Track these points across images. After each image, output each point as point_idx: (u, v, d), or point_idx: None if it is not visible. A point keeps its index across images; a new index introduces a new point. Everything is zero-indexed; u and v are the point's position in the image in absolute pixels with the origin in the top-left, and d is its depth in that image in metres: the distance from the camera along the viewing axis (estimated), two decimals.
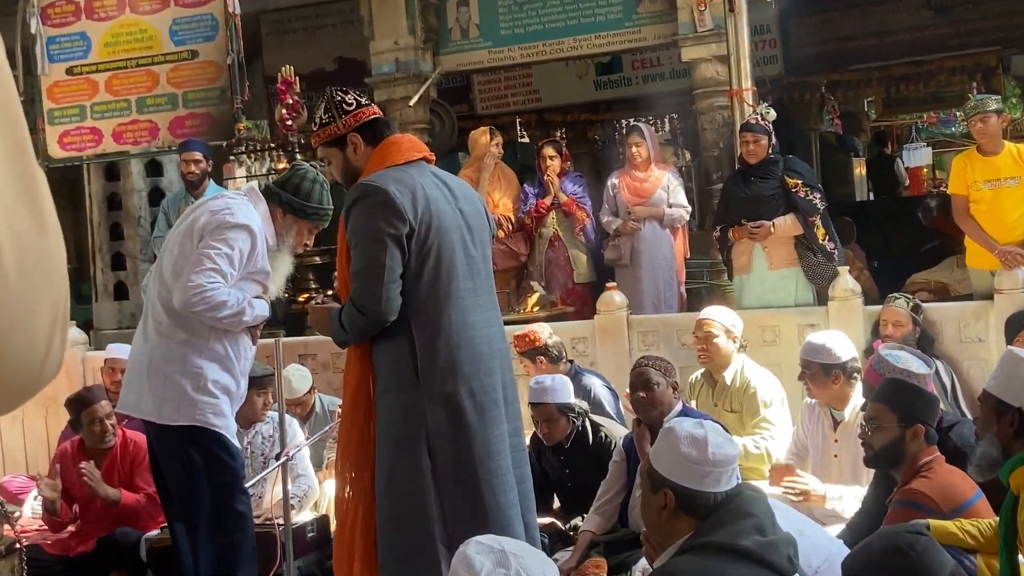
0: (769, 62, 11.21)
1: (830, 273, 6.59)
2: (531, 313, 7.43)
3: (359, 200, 3.65)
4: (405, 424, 3.67)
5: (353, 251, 3.69)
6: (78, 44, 8.60)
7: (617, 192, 7.81)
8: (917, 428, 3.83)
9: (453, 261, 3.72)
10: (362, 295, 3.62)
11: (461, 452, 3.67)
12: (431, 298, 3.69)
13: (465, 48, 9.41)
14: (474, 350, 3.73)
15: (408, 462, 3.65)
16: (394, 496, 3.67)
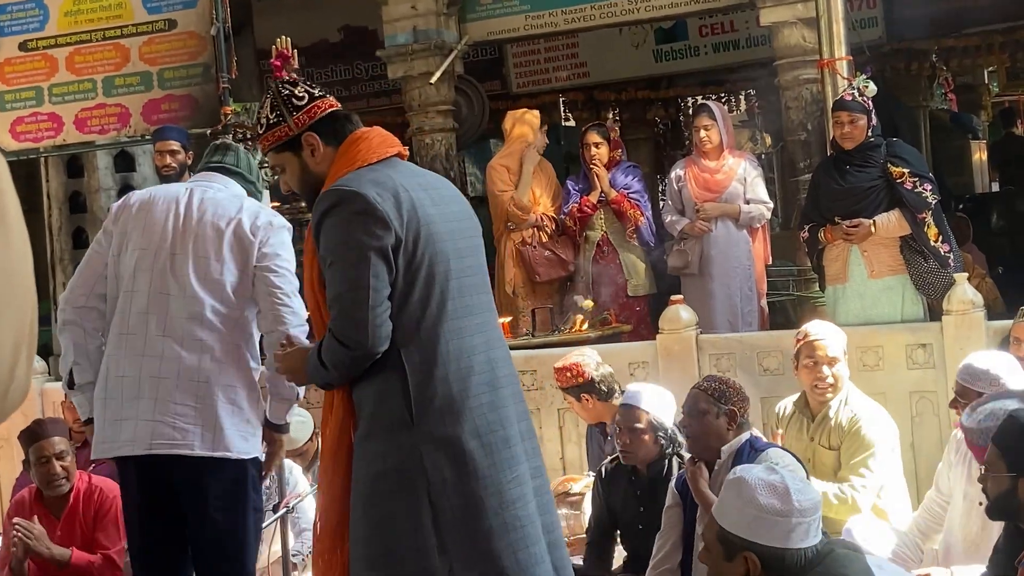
0: (868, 25, 11.18)
1: (945, 281, 6.56)
2: (579, 333, 7.45)
3: (332, 209, 3.56)
4: (399, 473, 3.60)
5: (328, 272, 3.60)
6: (33, 13, 8.66)
7: (683, 186, 7.83)
8: None
9: (447, 275, 3.66)
10: (344, 325, 3.54)
11: (469, 505, 3.60)
12: (424, 321, 3.62)
13: (497, 13, 9.45)
14: (477, 380, 3.67)
15: (404, 522, 3.59)
16: (388, 564, 3.62)
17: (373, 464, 3.61)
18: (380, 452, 3.61)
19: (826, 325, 5.96)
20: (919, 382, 6.39)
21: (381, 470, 3.60)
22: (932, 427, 6.14)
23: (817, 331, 5.88)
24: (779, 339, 6.77)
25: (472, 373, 3.65)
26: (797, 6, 8.15)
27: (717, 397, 4.96)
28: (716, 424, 4.90)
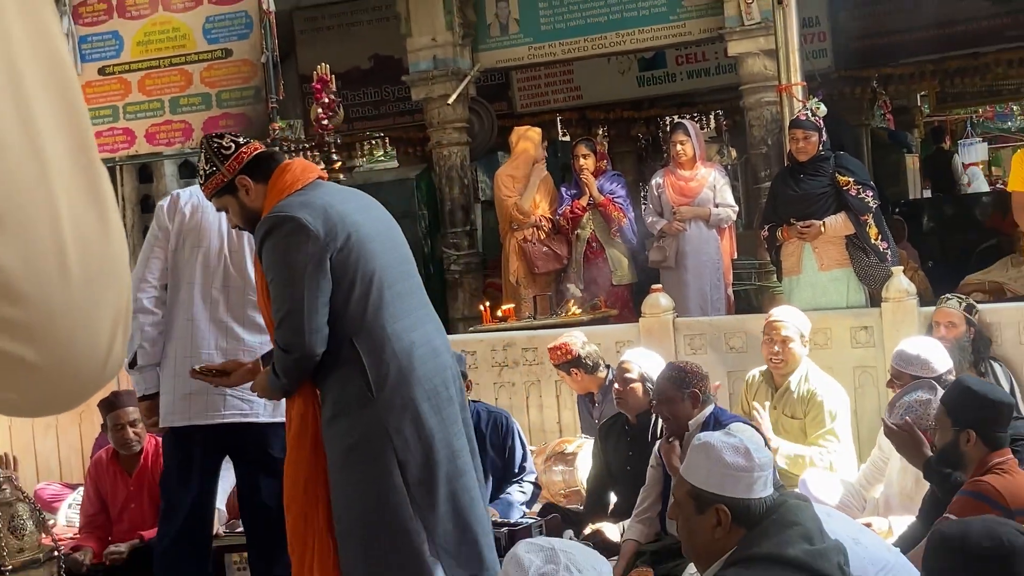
0: (819, 56, 11.17)
1: (883, 274, 6.54)
2: (573, 316, 7.45)
3: (270, 233, 3.58)
4: (368, 443, 3.62)
5: (271, 288, 3.63)
6: (110, 43, 8.67)
7: (661, 192, 7.83)
8: (967, 432, 3.80)
9: (379, 270, 3.68)
10: (285, 333, 3.57)
11: (428, 459, 3.64)
12: (367, 311, 3.64)
13: (504, 44, 9.46)
14: (420, 352, 3.70)
15: (379, 482, 3.61)
16: (372, 521, 3.64)
17: (344, 440, 3.63)
18: (347, 428, 3.63)
19: (791, 311, 5.95)
20: (861, 359, 6.39)
21: (352, 443, 3.61)
22: (872, 397, 6.14)
23: (778, 314, 5.91)
24: (743, 322, 6.78)
25: (415, 347, 3.68)
26: (759, 39, 8.14)
27: (680, 384, 4.93)
28: (683, 406, 4.87)
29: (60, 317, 0.69)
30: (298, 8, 12.24)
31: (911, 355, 5.17)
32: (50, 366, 0.69)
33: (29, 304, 0.67)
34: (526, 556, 2.12)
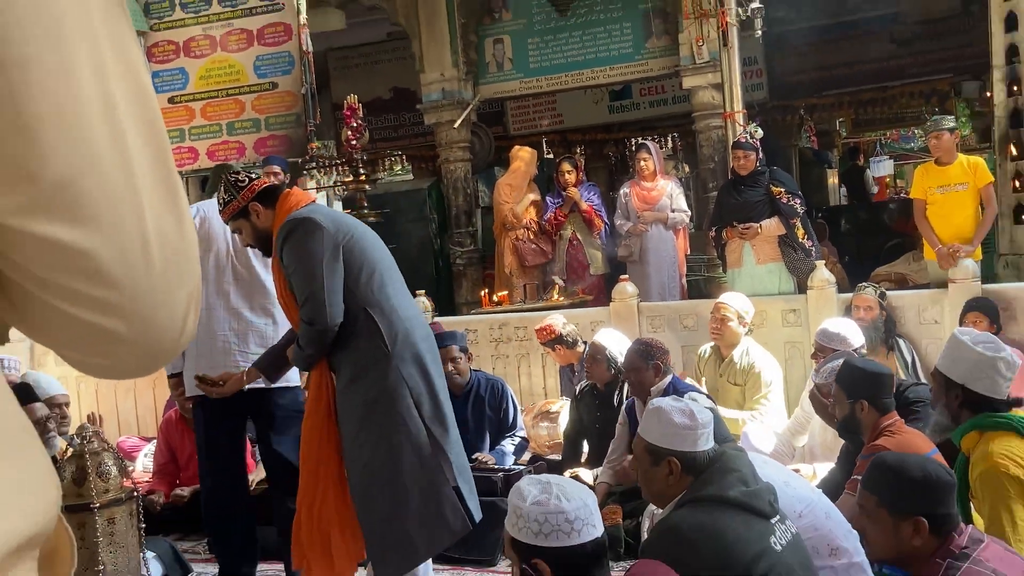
0: (756, 89, 11.19)
1: (809, 267, 6.56)
2: (556, 301, 7.47)
3: (291, 233, 3.61)
4: (387, 392, 3.61)
5: (294, 278, 3.63)
6: (178, 78, 8.67)
7: (628, 200, 7.83)
8: (861, 403, 3.82)
9: (377, 261, 3.74)
10: (309, 310, 3.58)
11: (435, 398, 3.69)
12: (375, 289, 3.68)
13: (500, 79, 9.46)
14: (416, 320, 3.77)
15: (403, 424, 3.60)
16: (396, 463, 3.60)
17: (364, 396, 3.62)
18: (367, 386, 3.62)
19: (736, 296, 5.97)
20: (790, 336, 6.42)
21: (373, 397, 3.61)
22: (799, 366, 6.17)
23: (724, 297, 5.96)
24: (695, 306, 6.79)
25: (414, 316, 3.77)
26: (708, 75, 8.16)
27: (645, 356, 4.95)
28: (647, 374, 4.90)
29: (144, 298, 0.69)
30: (331, 49, 12.23)
31: (832, 332, 5.20)
32: (136, 338, 0.70)
33: (120, 288, 0.67)
34: (526, 488, 2.15)
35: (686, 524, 2.56)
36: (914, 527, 2.35)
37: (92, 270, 0.66)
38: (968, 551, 2.28)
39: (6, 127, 0.61)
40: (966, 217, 6.42)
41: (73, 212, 0.64)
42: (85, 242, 0.65)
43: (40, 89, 0.62)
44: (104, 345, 0.70)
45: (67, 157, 0.63)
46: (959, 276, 6.08)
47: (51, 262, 0.65)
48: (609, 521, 4.67)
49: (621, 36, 8.97)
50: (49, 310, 0.67)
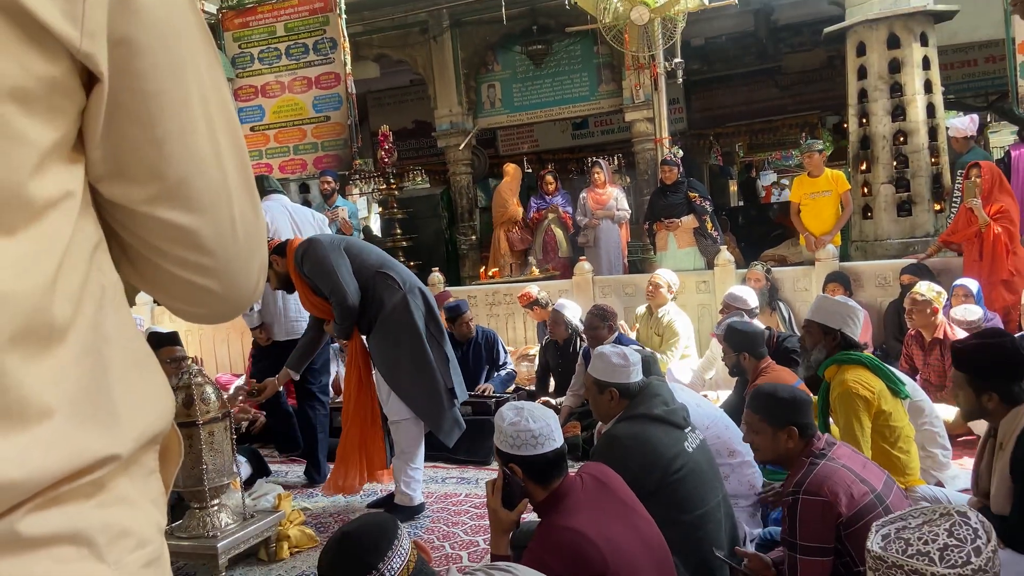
0: (678, 121, 11.16)
1: (715, 250, 6.60)
2: (535, 276, 7.47)
3: (305, 253, 3.69)
4: (410, 317, 3.67)
5: (318, 281, 3.68)
6: (256, 112, 8.59)
7: (585, 202, 7.80)
8: (743, 354, 3.86)
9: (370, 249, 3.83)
10: (336, 296, 3.63)
11: (432, 317, 3.76)
12: (375, 258, 3.77)
13: (492, 114, 9.40)
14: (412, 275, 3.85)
15: (412, 333, 3.67)
16: (412, 367, 3.69)
17: (395, 323, 3.68)
18: (394, 316, 3.68)
19: (668, 272, 5.96)
20: (702, 300, 6.44)
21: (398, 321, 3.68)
22: (708, 323, 6.21)
23: (659, 272, 5.96)
24: (634, 279, 6.81)
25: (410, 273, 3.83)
26: (644, 111, 8.14)
27: (602, 318, 4.97)
28: (602, 332, 4.90)
29: (231, 264, 0.69)
30: (369, 91, 12.11)
31: (735, 295, 5.24)
32: (224, 293, 0.71)
33: (215, 256, 0.68)
34: (505, 411, 2.15)
35: (622, 434, 2.58)
36: (788, 434, 2.38)
37: (197, 244, 0.67)
38: (825, 451, 2.31)
39: (145, 140, 0.62)
40: (830, 215, 6.45)
41: (187, 202, 0.65)
42: (194, 224, 0.66)
43: (169, 113, 0.63)
44: (202, 297, 0.70)
45: (184, 162, 0.64)
46: (823, 256, 6.11)
47: (169, 237, 0.66)
48: (570, 433, 4.70)
49: (580, 82, 8.91)
50: (164, 273, 0.68)
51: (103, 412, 0.60)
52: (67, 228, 0.60)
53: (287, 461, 5.18)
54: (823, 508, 2.13)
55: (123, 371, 0.63)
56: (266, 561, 3.49)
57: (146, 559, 0.63)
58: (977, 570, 1.22)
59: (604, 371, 2.75)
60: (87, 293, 0.61)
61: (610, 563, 1.86)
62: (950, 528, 1.28)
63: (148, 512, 0.65)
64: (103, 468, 0.60)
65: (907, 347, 4.84)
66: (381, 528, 1.56)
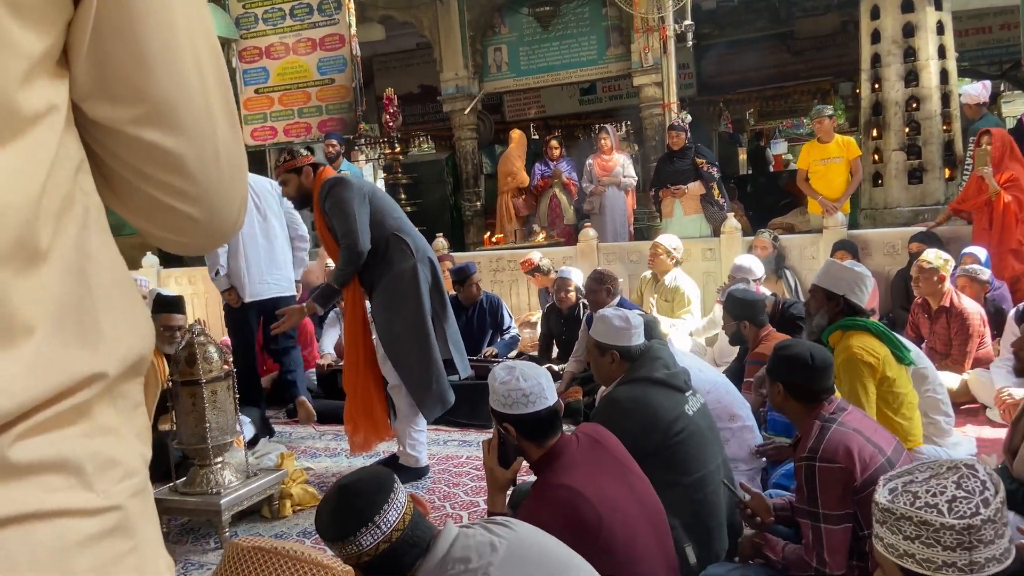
0: (687, 87, 11.01)
1: (722, 217, 6.55)
2: (539, 242, 7.44)
3: (331, 188, 3.66)
4: (408, 283, 3.68)
5: (335, 220, 3.65)
6: (261, 74, 8.53)
7: (591, 168, 7.73)
8: (743, 322, 3.86)
9: (392, 207, 3.80)
10: (346, 238, 3.61)
11: (438, 289, 3.78)
12: (399, 223, 3.75)
13: (499, 78, 9.28)
14: (425, 243, 3.85)
15: (417, 304, 3.69)
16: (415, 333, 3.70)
17: (398, 289, 3.69)
18: (399, 281, 3.68)
19: (669, 237, 5.91)
20: (707, 268, 6.42)
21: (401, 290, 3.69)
22: (712, 290, 6.18)
23: (661, 239, 5.89)
24: (638, 246, 6.76)
25: (423, 241, 3.83)
26: (652, 75, 8.01)
27: (601, 281, 4.94)
28: (601, 295, 4.88)
29: (213, 191, 0.69)
30: (375, 55, 11.99)
31: (740, 265, 5.21)
32: (205, 221, 0.70)
33: (198, 182, 0.67)
34: (498, 371, 2.14)
35: (623, 396, 2.57)
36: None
37: (181, 168, 0.66)
38: (836, 416, 2.29)
39: (130, 58, 0.62)
40: (840, 182, 6.40)
41: (171, 124, 0.65)
42: (178, 147, 0.65)
43: (154, 33, 0.63)
44: (183, 225, 0.70)
45: (169, 83, 0.64)
46: (831, 224, 6.06)
47: (153, 160, 0.66)
48: (572, 398, 4.73)
49: (588, 46, 8.78)
50: (146, 198, 0.68)
51: (88, 331, 0.60)
52: (53, 143, 0.59)
53: (292, 423, 5.23)
54: (840, 474, 2.11)
55: (107, 291, 0.63)
56: (269, 518, 3.54)
57: (133, 489, 0.63)
58: (987, 520, 1.23)
59: (605, 333, 2.74)
60: (71, 213, 0.60)
61: (604, 519, 1.87)
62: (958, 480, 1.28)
63: (133, 444, 0.65)
64: (89, 389, 0.60)
65: (913, 315, 4.82)
66: (378, 481, 1.57)
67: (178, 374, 3.32)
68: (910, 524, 1.25)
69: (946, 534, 1.22)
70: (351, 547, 1.52)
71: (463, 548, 1.53)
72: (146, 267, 8.12)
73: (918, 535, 1.24)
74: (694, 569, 2.36)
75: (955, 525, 1.22)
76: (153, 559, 0.64)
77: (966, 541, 1.22)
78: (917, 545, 1.25)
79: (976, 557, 1.21)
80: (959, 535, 1.22)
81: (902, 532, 1.26)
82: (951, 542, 1.22)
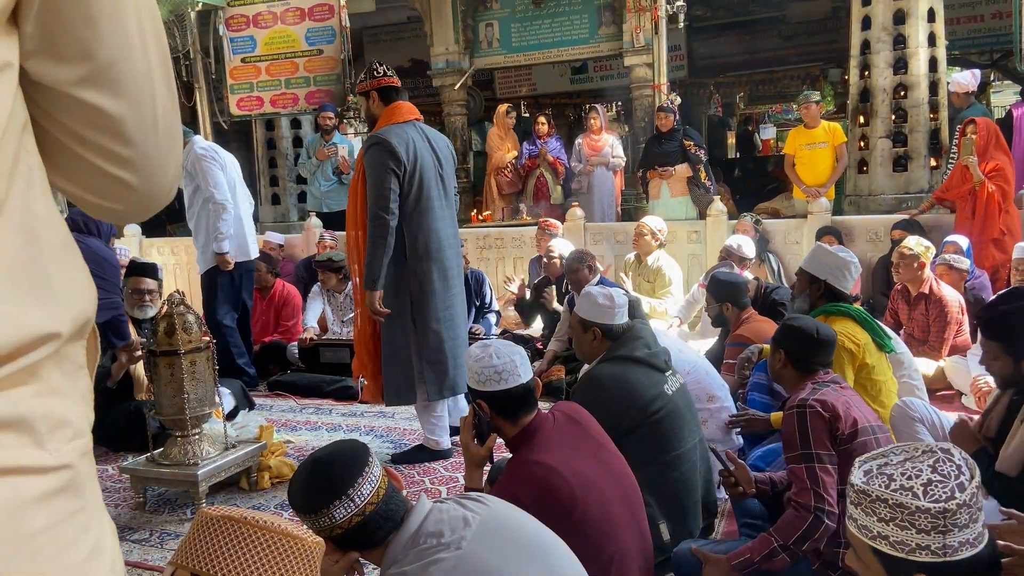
0: (678, 69, 10.96)
1: (708, 200, 6.53)
2: (524, 221, 7.40)
3: (373, 145, 3.54)
4: (397, 283, 3.61)
5: (369, 178, 3.55)
6: (248, 43, 8.37)
7: (580, 148, 7.68)
8: (726, 304, 3.85)
9: (429, 188, 3.61)
10: (373, 202, 3.52)
11: (428, 304, 3.64)
12: (415, 211, 3.60)
13: (490, 54, 9.14)
14: (440, 243, 3.66)
15: (400, 305, 3.62)
16: (391, 331, 3.65)
17: (387, 282, 3.60)
18: (389, 274, 3.58)
19: (653, 219, 5.87)
20: (692, 250, 6.41)
21: (391, 284, 3.60)
22: (696, 272, 6.17)
23: (646, 220, 5.86)
24: (625, 226, 6.72)
25: (438, 238, 3.66)
26: (643, 56, 7.91)
27: (581, 260, 4.94)
28: (583, 274, 4.87)
29: (151, 158, 0.69)
30: (365, 27, 11.82)
31: (732, 245, 5.22)
32: (142, 188, 0.70)
33: (136, 148, 0.68)
34: (472, 349, 2.12)
35: (603, 374, 2.57)
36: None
37: (120, 132, 0.67)
38: (828, 384, 2.31)
39: (79, 17, 0.62)
40: (825, 167, 6.40)
41: (114, 87, 0.65)
42: (119, 110, 0.66)
43: None
44: (117, 191, 0.70)
45: (113, 44, 0.64)
46: (815, 210, 6.06)
47: (92, 123, 0.65)
48: (555, 376, 4.74)
49: (580, 24, 8.67)
50: (82, 163, 0.68)
51: (41, 289, 0.61)
52: (8, 100, 0.60)
53: (272, 395, 5.19)
54: (828, 421, 2.14)
55: (56, 252, 0.63)
56: (247, 490, 3.51)
57: (82, 449, 0.64)
58: (962, 505, 1.22)
59: (589, 311, 2.73)
60: (17, 171, 0.61)
61: (579, 497, 1.86)
62: (933, 464, 1.28)
63: (80, 405, 0.66)
64: (43, 347, 0.60)
65: (893, 301, 4.84)
66: (352, 454, 1.55)
67: (156, 344, 3.28)
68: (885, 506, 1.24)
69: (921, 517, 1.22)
70: (324, 519, 1.50)
71: (436, 522, 1.52)
72: (128, 236, 8.01)
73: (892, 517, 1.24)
74: (668, 545, 2.37)
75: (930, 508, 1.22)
76: (99, 519, 0.65)
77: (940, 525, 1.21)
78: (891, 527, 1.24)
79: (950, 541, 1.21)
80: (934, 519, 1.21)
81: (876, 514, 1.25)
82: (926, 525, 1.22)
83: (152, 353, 3.30)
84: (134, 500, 3.39)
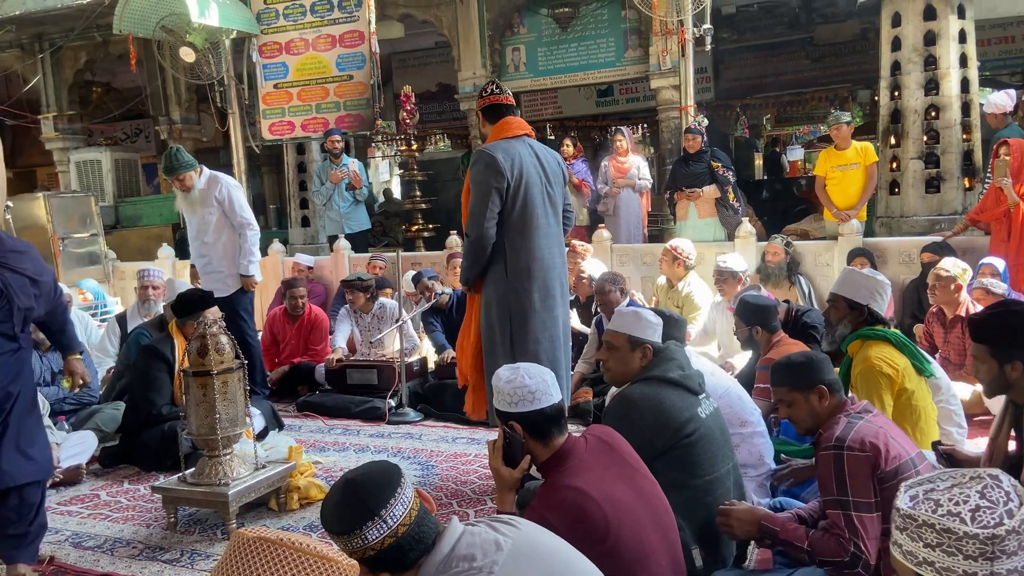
0: (705, 91, 10.96)
1: (736, 221, 6.49)
2: None
3: (477, 160, 3.48)
4: (499, 301, 3.56)
5: (471, 195, 3.50)
6: (280, 70, 8.55)
7: (607, 170, 7.68)
8: (755, 328, 3.79)
9: (534, 206, 3.52)
10: (470, 224, 3.48)
11: (526, 324, 3.56)
12: (518, 229, 3.51)
13: (516, 77, 9.23)
14: (543, 263, 3.57)
15: (499, 323, 3.57)
16: (492, 348, 3.61)
17: (487, 297, 3.58)
18: (491, 292, 3.56)
19: (681, 241, 5.83)
20: None
21: (490, 300, 3.57)
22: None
23: (675, 242, 5.82)
24: (652, 248, 6.71)
25: (540, 258, 3.57)
26: (670, 78, 7.94)
27: (613, 283, 4.94)
28: (614, 296, 4.87)
29: None
30: (394, 52, 12.00)
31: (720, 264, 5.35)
32: None
33: None
34: (502, 372, 2.11)
35: (636, 395, 2.54)
36: (818, 394, 2.32)
37: None
38: (862, 414, 2.25)
39: None
40: (857, 189, 6.33)
41: None
42: None
43: None
44: None
45: None
46: (846, 231, 5.99)
47: None
48: (582, 399, 4.70)
49: (607, 47, 8.73)
50: None
51: None
52: None
53: (301, 416, 5.22)
54: (867, 461, 2.08)
55: None
56: (276, 511, 3.52)
57: None
58: (1011, 531, 1.19)
59: (641, 328, 2.70)
60: None
61: (612, 522, 1.84)
62: (981, 490, 1.25)
63: None
64: None
65: (928, 324, 4.75)
66: (385, 475, 1.55)
67: (190, 364, 3.32)
68: (931, 531, 1.22)
69: (969, 543, 1.19)
70: (356, 540, 1.49)
71: (468, 545, 1.51)
72: (162, 258, 8.15)
73: (939, 543, 1.21)
74: (700, 572, 2.33)
75: (978, 534, 1.19)
76: None
77: (988, 551, 1.18)
78: (938, 553, 1.21)
79: (997, 568, 1.18)
80: (982, 545, 1.18)
81: (922, 539, 1.23)
82: (973, 551, 1.19)
83: (185, 373, 3.34)
84: (165, 520, 3.41)
